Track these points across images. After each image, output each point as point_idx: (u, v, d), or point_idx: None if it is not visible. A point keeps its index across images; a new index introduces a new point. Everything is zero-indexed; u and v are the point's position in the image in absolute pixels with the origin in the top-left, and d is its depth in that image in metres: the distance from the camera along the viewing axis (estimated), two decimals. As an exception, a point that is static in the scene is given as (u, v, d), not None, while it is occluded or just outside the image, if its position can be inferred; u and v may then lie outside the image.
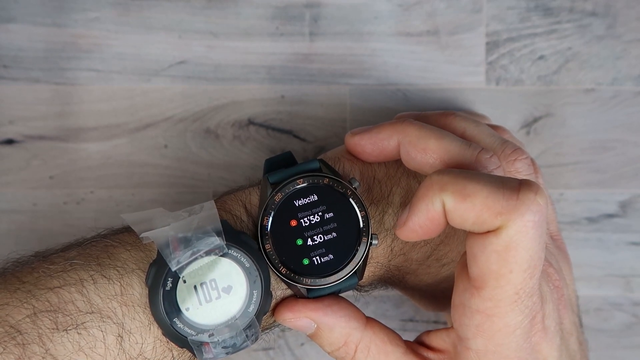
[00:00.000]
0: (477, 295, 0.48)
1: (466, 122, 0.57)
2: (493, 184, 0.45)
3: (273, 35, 0.69)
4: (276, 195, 0.52)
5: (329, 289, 0.53)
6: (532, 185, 0.45)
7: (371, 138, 0.56)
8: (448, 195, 0.46)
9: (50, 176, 0.68)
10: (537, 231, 0.45)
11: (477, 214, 0.46)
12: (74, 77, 0.68)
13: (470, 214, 0.46)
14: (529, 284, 0.46)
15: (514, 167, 0.54)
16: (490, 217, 0.45)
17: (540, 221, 0.45)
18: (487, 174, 0.47)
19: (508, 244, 0.45)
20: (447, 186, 0.46)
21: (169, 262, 0.48)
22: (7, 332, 0.47)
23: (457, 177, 0.47)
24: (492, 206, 0.45)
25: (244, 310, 0.50)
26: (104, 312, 0.49)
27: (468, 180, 0.46)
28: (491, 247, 0.46)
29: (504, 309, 0.47)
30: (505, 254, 0.46)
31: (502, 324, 0.48)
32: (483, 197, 0.45)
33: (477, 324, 0.49)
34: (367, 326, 0.53)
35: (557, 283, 0.52)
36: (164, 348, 0.50)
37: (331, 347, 0.54)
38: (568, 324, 0.53)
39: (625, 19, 0.69)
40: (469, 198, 0.46)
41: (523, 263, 0.46)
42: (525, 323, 0.48)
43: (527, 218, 0.45)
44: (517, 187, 0.45)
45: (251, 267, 0.50)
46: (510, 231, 0.45)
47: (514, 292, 0.46)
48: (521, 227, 0.45)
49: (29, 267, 0.51)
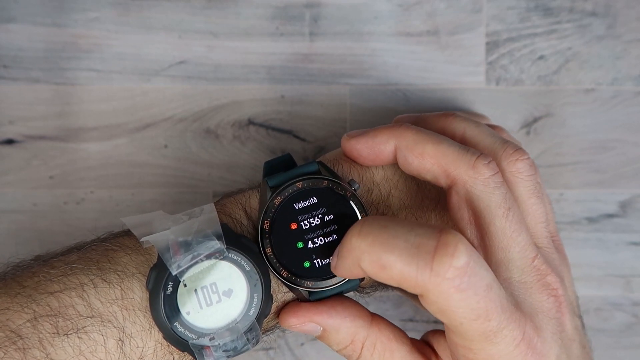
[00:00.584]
0: (452, 333, 0.48)
1: (466, 123, 0.57)
2: (406, 255, 0.44)
3: (273, 35, 0.69)
4: (276, 199, 0.52)
5: (331, 291, 0.53)
6: (448, 248, 0.44)
7: (367, 142, 0.55)
8: (366, 264, 0.46)
9: (50, 176, 0.68)
10: (464, 291, 0.44)
11: (397, 282, 0.45)
12: (74, 77, 0.68)
13: (391, 281, 0.46)
14: (491, 324, 0.46)
15: (515, 168, 0.54)
16: (410, 287, 0.45)
17: (464, 281, 0.44)
18: (407, 230, 0.46)
19: (440, 308, 0.45)
20: (363, 256, 0.46)
21: (169, 266, 0.48)
22: (7, 337, 0.47)
23: (372, 245, 0.45)
24: (407, 279, 0.45)
25: (244, 313, 0.50)
26: (105, 316, 0.49)
27: (382, 250, 0.45)
28: (431, 309, 0.46)
29: (479, 345, 0.47)
30: (444, 313, 0.46)
31: (484, 355, 0.48)
32: (397, 270, 0.45)
33: (463, 354, 0.49)
34: (372, 323, 0.53)
35: (556, 292, 0.52)
36: (165, 352, 0.50)
37: (338, 347, 0.54)
38: (570, 329, 0.53)
39: (625, 19, 0.69)
40: (385, 270, 0.45)
41: (468, 316, 0.45)
42: (510, 349, 0.48)
43: (444, 287, 0.44)
44: (431, 256, 0.44)
45: (252, 271, 0.50)
46: (433, 298, 0.45)
47: (480, 334, 0.46)
48: (442, 295, 0.44)
49: (29, 271, 0.50)
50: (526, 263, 0.51)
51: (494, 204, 0.51)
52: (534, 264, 0.51)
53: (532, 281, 0.51)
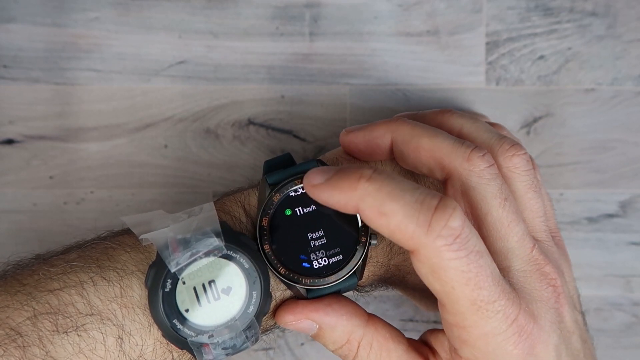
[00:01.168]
0: (445, 310, 0.48)
1: (463, 119, 0.57)
2: (410, 207, 0.45)
3: (273, 35, 0.69)
4: (274, 196, 0.52)
5: (329, 289, 0.53)
6: (446, 209, 0.45)
7: (365, 136, 0.56)
8: (365, 207, 0.46)
9: (50, 176, 0.68)
10: (455, 252, 0.45)
11: (391, 232, 0.46)
12: (74, 77, 0.68)
13: (384, 230, 0.46)
14: (482, 293, 0.46)
15: (512, 163, 0.54)
16: (403, 239, 0.45)
17: (456, 242, 0.45)
18: (412, 187, 0.46)
19: (432, 267, 0.46)
20: (366, 198, 0.46)
21: (168, 263, 0.48)
22: (7, 335, 0.47)
23: (379, 191, 0.46)
24: (404, 230, 0.45)
25: (243, 311, 0.50)
26: (104, 314, 0.49)
27: (388, 198, 0.45)
28: (422, 270, 0.46)
29: (471, 320, 0.47)
30: (436, 274, 0.46)
31: (478, 332, 0.48)
32: (397, 220, 0.45)
33: (457, 335, 0.49)
34: (369, 323, 0.53)
35: (555, 282, 0.52)
36: (164, 350, 0.50)
37: (334, 346, 0.54)
38: (569, 321, 0.53)
39: (625, 19, 0.69)
40: (384, 217, 0.45)
41: (459, 279, 0.46)
42: (504, 328, 0.48)
43: (438, 244, 0.45)
44: (431, 212, 0.45)
45: (250, 268, 0.50)
46: (426, 255, 0.45)
47: (470, 304, 0.47)
48: (435, 252, 0.45)
49: (29, 269, 0.51)
50: (525, 252, 0.51)
51: (489, 195, 0.51)
52: (532, 254, 0.52)
53: (532, 270, 0.51)
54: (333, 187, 0.47)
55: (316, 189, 0.48)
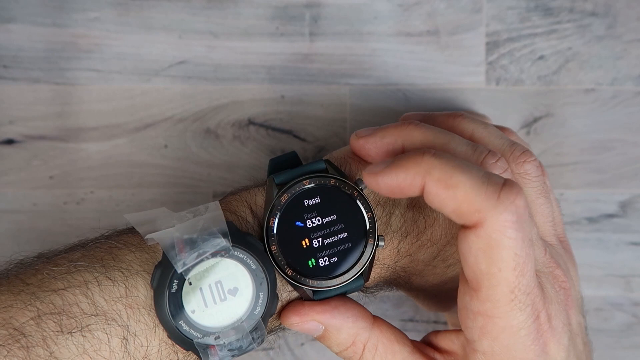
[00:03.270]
0: (475, 297, 0.48)
1: (474, 124, 0.57)
2: (478, 179, 0.45)
3: (273, 35, 0.69)
4: (282, 196, 0.52)
5: (335, 290, 0.53)
6: (513, 187, 0.46)
7: (376, 142, 0.55)
8: (432, 180, 0.46)
9: (50, 176, 0.68)
10: (516, 231, 0.45)
11: (457, 205, 0.46)
12: (74, 77, 0.68)
13: (450, 202, 0.46)
14: (522, 281, 0.46)
15: (522, 169, 0.54)
16: (469, 212, 0.45)
17: (519, 221, 0.45)
18: (476, 166, 0.47)
19: (489, 243, 0.46)
20: (434, 171, 0.46)
21: (174, 263, 0.48)
22: (11, 335, 0.46)
23: (446, 164, 0.46)
24: (472, 201, 0.45)
25: (250, 312, 0.50)
26: (109, 314, 0.48)
27: (455, 170, 0.46)
28: (476, 247, 0.46)
29: (503, 309, 0.47)
30: (489, 252, 0.46)
31: (504, 324, 0.48)
32: (466, 190, 0.45)
33: (480, 325, 0.49)
34: (374, 325, 0.53)
35: (564, 284, 0.52)
36: (169, 351, 0.50)
37: (339, 348, 0.53)
38: (575, 324, 0.53)
39: (625, 19, 0.69)
40: (452, 188, 0.46)
41: (510, 261, 0.46)
42: (529, 323, 0.48)
43: (504, 217, 0.45)
44: (499, 187, 0.45)
45: (257, 269, 0.50)
46: (488, 229, 0.45)
47: (509, 291, 0.47)
48: (498, 226, 0.45)
49: (32, 268, 0.50)
50: (540, 255, 0.52)
51: None
52: (545, 257, 0.52)
53: (546, 272, 0.52)
54: (397, 168, 0.48)
55: (380, 175, 0.48)
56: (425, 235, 0.55)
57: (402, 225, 0.55)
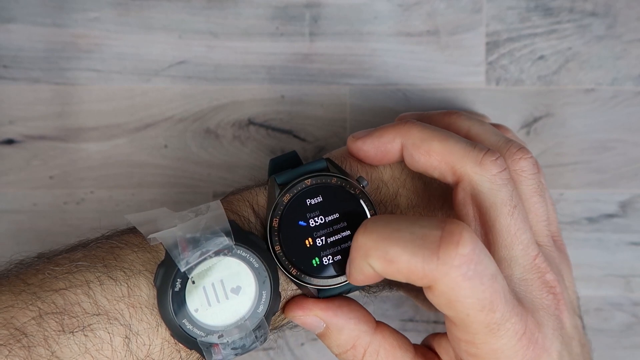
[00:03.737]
0: (456, 328, 0.48)
1: (470, 121, 0.57)
2: (412, 247, 0.45)
3: (273, 35, 0.69)
4: (284, 196, 0.52)
5: (339, 288, 0.53)
6: (453, 237, 0.45)
7: (373, 142, 0.55)
8: (373, 261, 0.46)
9: (50, 176, 0.68)
10: (470, 280, 0.45)
11: (405, 276, 0.46)
12: (74, 77, 0.68)
13: (398, 276, 0.46)
14: (496, 315, 0.47)
15: (518, 166, 0.54)
16: (418, 279, 0.45)
17: (470, 269, 0.45)
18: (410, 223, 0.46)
19: (448, 299, 0.46)
20: (370, 252, 0.46)
21: (177, 262, 0.48)
22: (12, 335, 0.46)
23: (377, 240, 0.46)
24: (414, 271, 0.45)
25: (253, 311, 0.50)
26: (111, 313, 0.48)
27: (388, 244, 0.46)
28: (437, 302, 0.46)
29: (483, 338, 0.47)
30: (451, 305, 0.46)
31: (487, 349, 0.48)
32: (405, 262, 0.45)
33: (465, 349, 0.49)
34: (376, 330, 0.53)
35: (554, 290, 0.52)
36: (172, 349, 0.50)
37: (339, 349, 0.53)
38: (569, 327, 0.53)
39: (625, 19, 0.69)
40: (392, 264, 0.45)
41: (475, 306, 0.46)
42: (513, 343, 0.48)
43: (452, 276, 0.44)
44: (437, 245, 0.44)
45: (260, 268, 0.50)
46: (442, 289, 0.45)
47: (484, 326, 0.47)
48: (449, 284, 0.45)
49: (33, 268, 0.50)
50: (528, 261, 0.51)
51: (499, 202, 0.51)
52: (535, 262, 0.52)
53: (533, 278, 0.52)
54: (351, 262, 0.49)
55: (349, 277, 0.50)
56: None
57: None
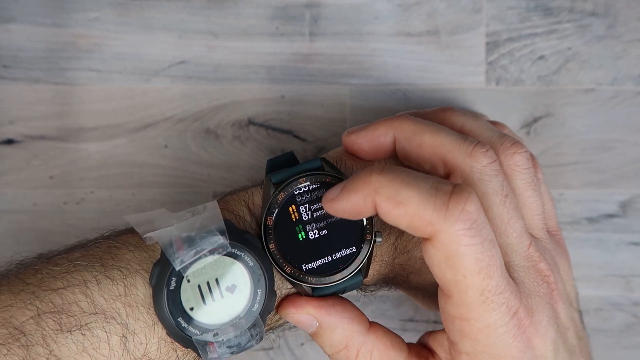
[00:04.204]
0: (449, 302, 0.48)
1: (465, 117, 0.58)
2: (425, 192, 0.46)
3: (273, 35, 0.69)
4: (279, 195, 0.52)
5: (334, 287, 0.53)
6: (463, 194, 0.46)
7: (367, 136, 0.56)
8: (381, 199, 0.47)
9: (50, 176, 0.68)
10: (471, 237, 0.46)
11: (409, 220, 0.46)
12: (74, 77, 0.68)
13: (402, 219, 0.46)
14: (491, 283, 0.47)
15: (512, 161, 0.55)
16: (422, 226, 0.46)
17: (473, 227, 0.46)
18: (425, 176, 0.47)
19: (448, 253, 0.46)
20: (381, 190, 0.47)
21: (172, 261, 0.48)
22: (10, 334, 0.47)
23: (393, 181, 0.47)
24: (422, 216, 0.45)
25: (248, 309, 0.50)
26: (108, 312, 0.48)
27: (403, 186, 0.46)
28: (437, 258, 0.47)
29: (476, 311, 0.48)
30: (450, 262, 0.46)
31: (481, 325, 0.48)
32: (414, 206, 0.45)
33: (459, 328, 0.49)
34: (370, 330, 0.53)
35: (548, 278, 0.52)
36: (169, 348, 0.50)
37: (332, 349, 0.53)
38: (564, 317, 0.53)
39: (625, 19, 0.69)
40: (401, 205, 0.46)
41: (472, 267, 0.46)
42: (506, 320, 0.48)
43: (456, 228, 0.45)
44: (448, 197, 0.46)
45: (255, 266, 0.50)
46: (444, 241, 0.46)
47: (479, 294, 0.47)
48: (452, 236, 0.45)
49: (32, 268, 0.50)
50: (522, 248, 0.52)
51: (491, 191, 0.51)
52: (528, 251, 0.52)
53: (528, 266, 0.52)
54: (349, 191, 0.48)
55: (335, 202, 0.49)
56: None
57: None
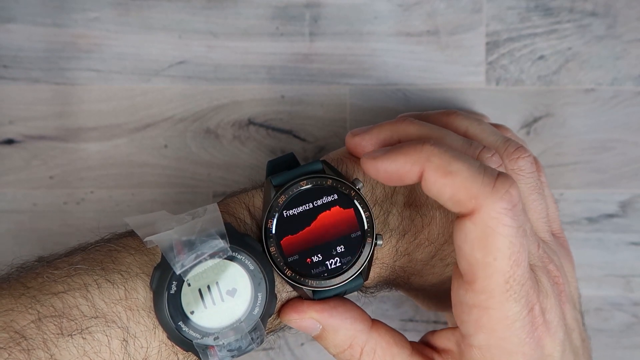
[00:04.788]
0: (470, 289, 0.48)
1: (468, 121, 0.58)
2: (475, 168, 0.46)
3: (273, 35, 0.69)
4: (280, 198, 0.52)
5: (335, 290, 0.53)
6: (508, 178, 0.46)
7: (372, 139, 0.56)
8: (431, 167, 0.47)
9: (50, 176, 0.68)
10: (511, 219, 0.46)
11: (454, 192, 0.46)
12: (74, 77, 0.68)
13: (447, 189, 0.47)
14: (517, 271, 0.47)
15: (516, 165, 0.55)
16: (465, 198, 0.46)
17: (514, 210, 0.46)
18: (473, 158, 0.48)
19: (485, 230, 0.46)
20: (433, 158, 0.47)
21: (173, 265, 0.48)
22: (12, 338, 0.46)
23: (445, 152, 0.47)
24: (469, 188, 0.46)
25: (248, 313, 0.50)
26: (109, 316, 0.48)
27: (454, 159, 0.47)
28: (472, 235, 0.47)
29: (497, 300, 0.47)
30: (485, 240, 0.46)
31: (499, 315, 0.48)
32: (463, 177, 0.46)
33: (476, 318, 0.49)
34: (372, 328, 0.53)
35: (557, 279, 0.53)
36: (169, 352, 0.50)
37: (336, 350, 0.54)
38: (570, 319, 0.54)
39: (625, 19, 0.69)
40: (450, 175, 0.46)
41: (505, 250, 0.46)
42: (524, 314, 0.48)
43: (499, 205, 0.46)
44: (494, 177, 0.46)
45: (255, 270, 0.50)
46: (484, 216, 0.46)
47: (504, 281, 0.47)
48: (494, 213, 0.46)
49: (33, 272, 0.50)
50: (534, 250, 0.52)
51: None
52: (539, 252, 0.53)
53: (540, 266, 0.52)
54: (397, 153, 0.49)
55: (379, 160, 0.49)
56: (422, 234, 0.55)
57: (400, 224, 0.55)
